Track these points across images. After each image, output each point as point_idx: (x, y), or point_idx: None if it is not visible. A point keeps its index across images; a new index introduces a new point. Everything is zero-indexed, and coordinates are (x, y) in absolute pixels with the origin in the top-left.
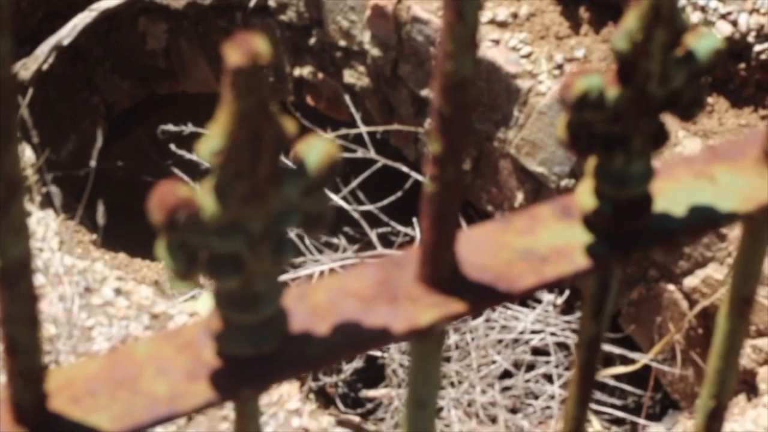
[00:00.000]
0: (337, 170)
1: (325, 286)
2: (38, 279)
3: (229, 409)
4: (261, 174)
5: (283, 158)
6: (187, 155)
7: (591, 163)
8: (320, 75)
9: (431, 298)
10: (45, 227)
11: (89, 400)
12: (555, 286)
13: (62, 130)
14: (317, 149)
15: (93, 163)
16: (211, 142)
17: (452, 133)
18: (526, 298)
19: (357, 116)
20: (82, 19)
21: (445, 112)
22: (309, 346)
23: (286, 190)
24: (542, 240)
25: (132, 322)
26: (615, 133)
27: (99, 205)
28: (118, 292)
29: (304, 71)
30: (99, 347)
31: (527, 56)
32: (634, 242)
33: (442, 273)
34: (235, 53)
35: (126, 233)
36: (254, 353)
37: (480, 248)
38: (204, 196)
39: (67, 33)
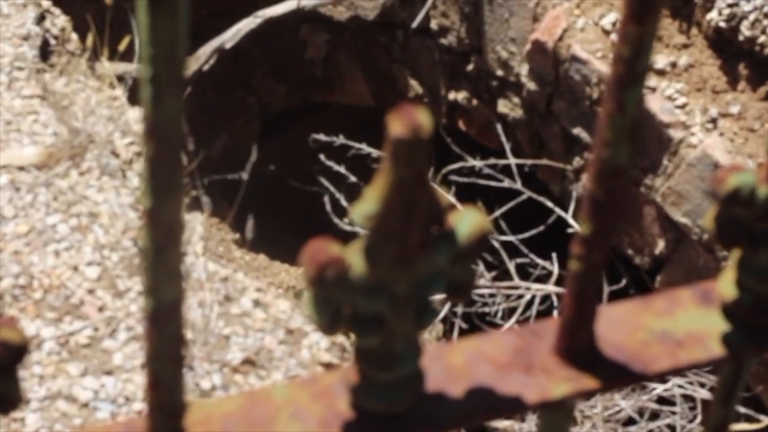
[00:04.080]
0: (487, 243)
1: (463, 348)
2: None
3: None
4: (412, 240)
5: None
6: (335, 167)
7: (736, 254)
8: (474, 101)
9: (565, 372)
10: (191, 230)
11: None
12: (688, 370)
13: (215, 128)
14: (469, 220)
15: (245, 175)
16: (366, 206)
17: (602, 217)
18: None
19: (507, 146)
20: (246, 25)
21: (597, 197)
22: (442, 408)
23: (435, 257)
24: (680, 323)
25: (267, 336)
26: (763, 230)
27: (249, 219)
28: (256, 303)
29: (459, 96)
30: (233, 357)
31: (682, 107)
32: None
33: (579, 348)
34: (398, 124)
35: (267, 236)
36: (387, 410)
37: (618, 326)
38: (354, 256)
39: (230, 37)
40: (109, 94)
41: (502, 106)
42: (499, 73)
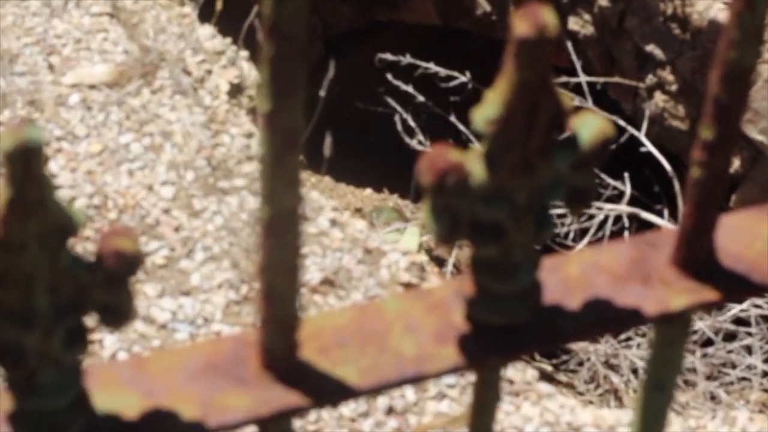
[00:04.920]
0: (609, 149)
1: (579, 259)
2: (256, 202)
3: None
4: (533, 145)
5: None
6: (403, 86)
7: None
8: None
9: (684, 283)
10: None
11: (337, 352)
12: None
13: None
14: (592, 125)
15: (322, 93)
16: (487, 109)
17: (726, 121)
18: None
19: (577, 64)
20: None
21: (722, 100)
22: (559, 320)
23: (556, 163)
24: None
25: (345, 255)
26: None
27: (327, 136)
28: (333, 223)
29: None
30: (312, 277)
31: None
32: None
33: (698, 259)
34: (522, 24)
35: (332, 157)
36: (505, 323)
37: (736, 236)
38: (474, 163)
39: None
40: (178, 12)
41: (573, 23)
42: None
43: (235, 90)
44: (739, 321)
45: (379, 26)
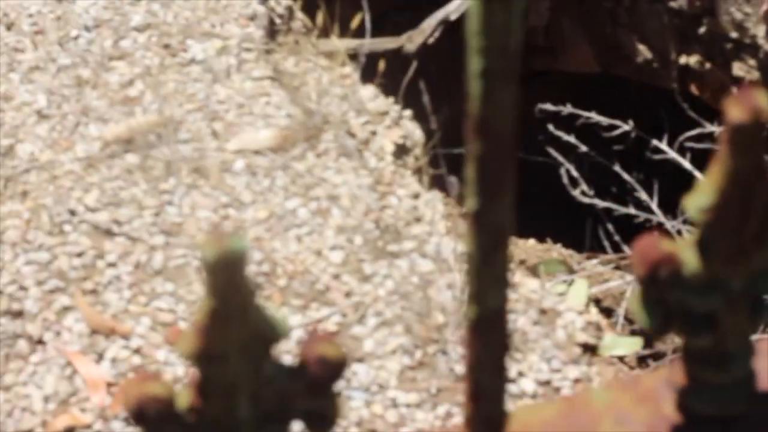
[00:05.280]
0: None
1: None
2: (427, 265)
3: None
4: (748, 233)
5: None
6: (565, 137)
7: None
8: (707, 65)
9: None
10: (432, 209)
11: None
12: None
13: (437, 101)
14: None
15: None
16: (700, 198)
17: None
18: None
19: None
20: None
21: None
22: None
23: None
24: None
25: (521, 317)
26: None
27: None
28: None
29: (691, 60)
30: None
31: None
32: None
33: None
34: (737, 109)
35: None
36: (720, 413)
37: None
38: (686, 252)
39: (454, 8)
40: (340, 73)
41: (738, 69)
42: (734, 35)
43: (400, 150)
44: None
45: (537, 74)
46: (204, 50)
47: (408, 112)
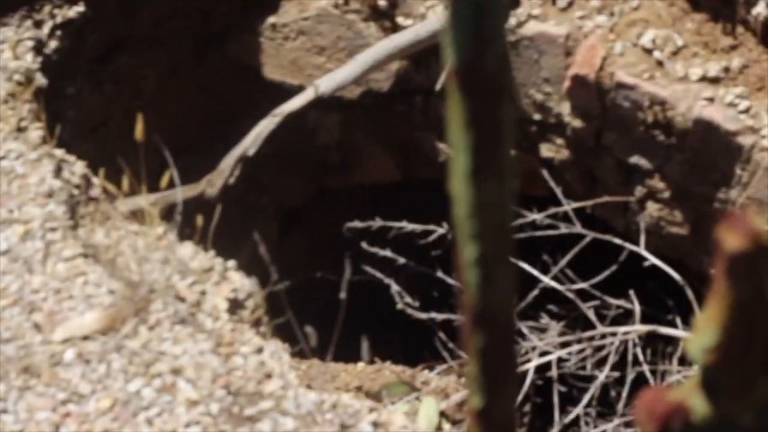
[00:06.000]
0: None
1: None
2: (290, 423)
3: None
4: (753, 363)
5: None
6: (381, 252)
7: None
8: (513, 152)
9: None
10: (279, 362)
11: None
12: None
13: (234, 238)
14: None
15: (343, 294)
16: (702, 337)
17: None
18: None
19: (557, 191)
20: (266, 126)
21: None
22: None
23: None
24: None
25: None
26: None
27: (363, 341)
28: (376, 425)
29: None
30: None
31: (746, 111)
32: None
33: None
34: (732, 237)
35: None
36: None
37: None
38: (693, 397)
39: (251, 142)
40: (154, 235)
41: (546, 150)
42: (537, 117)
43: (234, 305)
44: None
45: (337, 192)
46: (6, 239)
47: (231, 263)
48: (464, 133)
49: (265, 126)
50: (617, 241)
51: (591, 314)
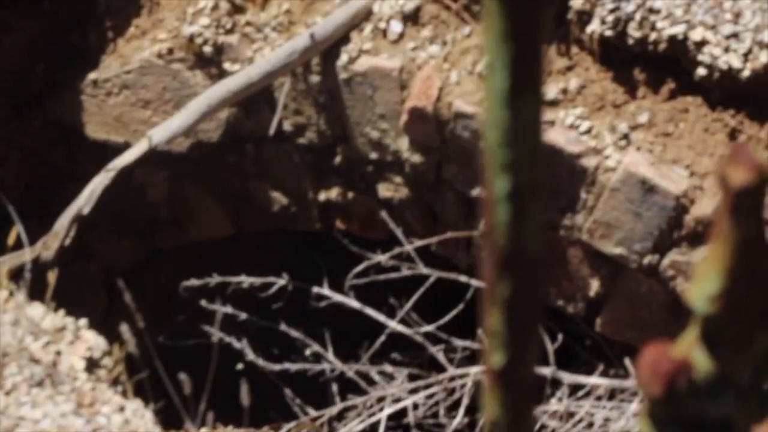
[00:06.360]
0: None
1: None
2: None
3: None
4: (753, 312)
5: None
6: (223, 309)
7: None
8: (350, 194)
9: None
10: (143, 419)
11: None
12: None
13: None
14: None
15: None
16: (706, 284)
17: None
18: None
19: (398, 232)
20: (100, 182)
21: None
22: None
23: None
24: None
25: None
26: None
27: (243, 384)
28: None
29: (331, 193)
30: None
31: (588, 132)
32: None
33: None
34: (738, 172)
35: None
36: None
37: None
38: (693, 351)
39: (85, 200)
40: (2, 297)
41: (384, 190)
42: (373, 155)
43: (91, 364)
44: None
45: (169, 252)
46: None
47: (83, 321)
48: (502, 47)
49: (99, 182)
50: (462, 278)
51: (442, 357)
